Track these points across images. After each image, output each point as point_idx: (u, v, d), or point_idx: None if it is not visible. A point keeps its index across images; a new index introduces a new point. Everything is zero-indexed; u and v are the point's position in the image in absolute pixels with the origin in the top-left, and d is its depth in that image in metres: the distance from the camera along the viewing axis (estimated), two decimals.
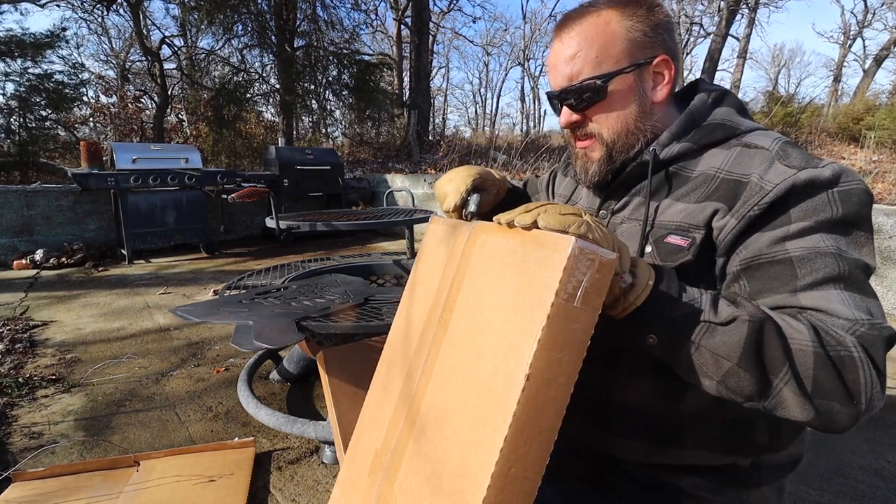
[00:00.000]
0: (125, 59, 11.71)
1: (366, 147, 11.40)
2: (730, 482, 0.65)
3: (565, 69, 0.66)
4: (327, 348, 1.35)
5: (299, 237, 5.97)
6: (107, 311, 3.19)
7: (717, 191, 0.62)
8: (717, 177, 0.63)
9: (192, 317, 1.29)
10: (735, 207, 0.59)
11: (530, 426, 0.41)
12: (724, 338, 0.48)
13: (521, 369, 0.41)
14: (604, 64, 0.64)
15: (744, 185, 0.59)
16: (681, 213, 0.64)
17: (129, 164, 4.72)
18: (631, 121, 0.67)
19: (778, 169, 0.58)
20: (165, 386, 2.12)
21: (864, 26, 15.76)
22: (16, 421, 1.81)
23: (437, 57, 17.38)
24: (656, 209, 0.66)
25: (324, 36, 9.40)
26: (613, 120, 0.67)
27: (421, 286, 0.67)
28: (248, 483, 1.42)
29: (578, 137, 0.71)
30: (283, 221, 1.99)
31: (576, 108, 0.68)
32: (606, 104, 0.66)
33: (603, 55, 0.64)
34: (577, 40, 0.65)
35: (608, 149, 0.69)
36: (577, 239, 0.41)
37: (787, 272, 0.54)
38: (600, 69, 0.64)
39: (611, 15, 0.64)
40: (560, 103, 0.69)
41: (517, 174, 6.59)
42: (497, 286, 0.49)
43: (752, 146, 0.63)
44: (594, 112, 0.68)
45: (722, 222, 0.60)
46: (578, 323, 0.42)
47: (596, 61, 0.64)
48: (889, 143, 6.68)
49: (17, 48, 7.16)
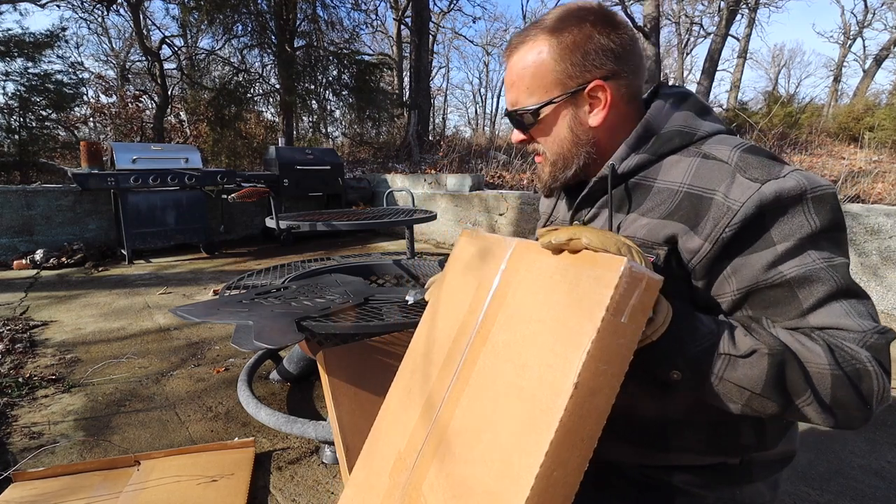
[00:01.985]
0: (125, 59, 11.72)
1: (366, 147, 11.40)
2: (721, 479, 0.66)
3: (509, 95, 0.71)
4: (327, 348, 1.35)
5: (299, 237, 5.97)
6: (107, 311, 3.19)
7: (678, 208, 0.61)
8: (680, 191, 0.62)
9: (192, 317, 1.29)
10: (702, 229, 0.58)
11: (574, 432, 0.43)
12: (745, 370, 0.51)
13: (569, 378, 0.43)
14: (535, 94, 0.67)
15: (707, 203, 0.59)
16: (644, 228, 0.64)
17: (129, 164, 4.72)
18: (566, 146, 0.70)
19: (741, 184, 0.57)
20: (165, 386, 2.12)
21: (864, 26, 15.76)
22: (16, 421, 1.81)
23: (437, 57, 17.39)
24: (619, 224, 0.67)
25: (324, 36, 9.40)
26: (551, 142, 0.71)
27: (453, 296, 0.69)
28: (248, 483, 1.42)
29: (531, 153, 0.76)
30: (283, 221, 1.99)
31: (520, 130, 0.73)
32: (541, 129, 0.70)
33: (534, 86, 0.67)
34: (515, 69, 0.68)
35: (552, 167, 0.73)
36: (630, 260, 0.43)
37: (789, 295, 0.55)
38: (532, 99, 0.68)
39: (544, 44, 0.65)
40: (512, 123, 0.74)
41: (517, 174, 6.59)
42: (545, 301, 0.51)
43: (710, 157, 0.62)
44: (535, 134, 0.72)
45: (691, 245, 0.59)
46: (624, 338, 0.44)
47: (528, 91, 0.68)
48: (889, 143, 6.68)
49: (16, 48, 7.16)
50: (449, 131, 16.04)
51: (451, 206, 5.63)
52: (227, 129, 9.10)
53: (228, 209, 5.90)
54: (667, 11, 13.16)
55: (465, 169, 7.55)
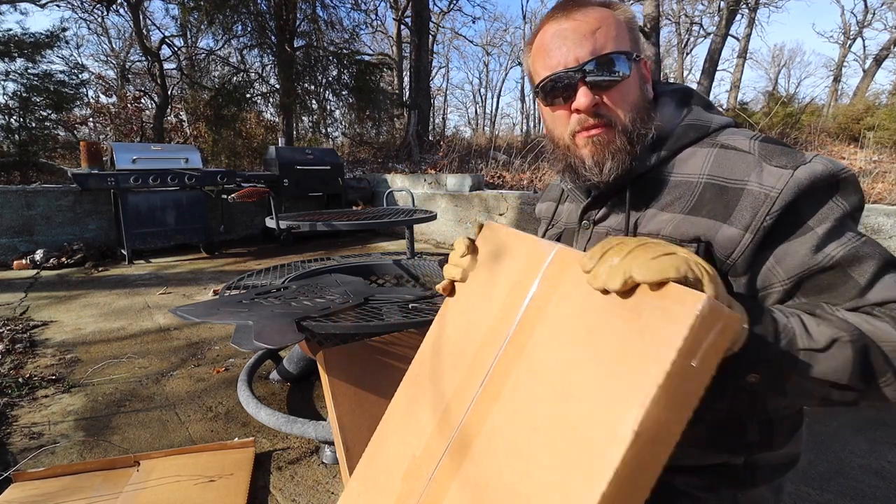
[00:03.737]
0: (125, 59, 11.71)
1: (366, 147, 11.40)
2: (724, 482, 0.65)
3: (586, 43, 0.61)
4: (327, 348, 1.35)
5: (299, 237, 5.97)
6: (107, 311, 3.19)
7: (702, 201, 0.60)
8: (699, 183, 0.61)
9: (192, 317, 1.29)
10: (738, 219, 0.57)
11: (629, 483, 0.39)
12: (828, 363, 0.48)
13: (628, 425, 0.38)
14: (621, 44, 0.62)
15: (736, 192, 0.57)
16: (668, 223, 0.62)
17: (129, 164, 4.72)
18: (643, 108, 0.64)
19: (771, 172, 0.56)
20: (165, 386, 2.12)
21: (864, 26, 15.77)
22: (16, 421, 1.81)
23: (437, 57, 17.40)
24: (636, 222, 0.65)
25: (324, 36, 9.41)
26: (630, 104, 0.63)
27: (477, 295, 0.62)
28: (248, 483, 1.42)
29: (587, 127, 0.64)
30: (283, 221, 1.99)
31: (598, 87, 0.62)
32: (625, 87, 0.62)
33: (620, 36, 0.62)
34: (595, 18, 0.61)
35: (627, 137, 0.63)
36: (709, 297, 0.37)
37: (843, 276, 0.54)
38: (622, 48, 0.62)
39: (609, 10, 0.64)
40: (579, 82, 0.62)
41: (517, 174, 6.59)
42: (597, 326, 0.45)
43: (729, 147, 0.61)
44: (612, 95, 0.62)
45: (729, 238, 0.57)
46: (693, 383, 0.39)
47: (617, 39, 0.62)
48: (889, 143, 6.68)
49: (17, 48, 7.16)
50: (449, 131, 16.06)
51: (451, 206, 5.63)
52: (226, 129, 9.11)
53: (228, 209, 5.90)
54: (667, 11, 13.18)
55: (465, 169, 7.55)
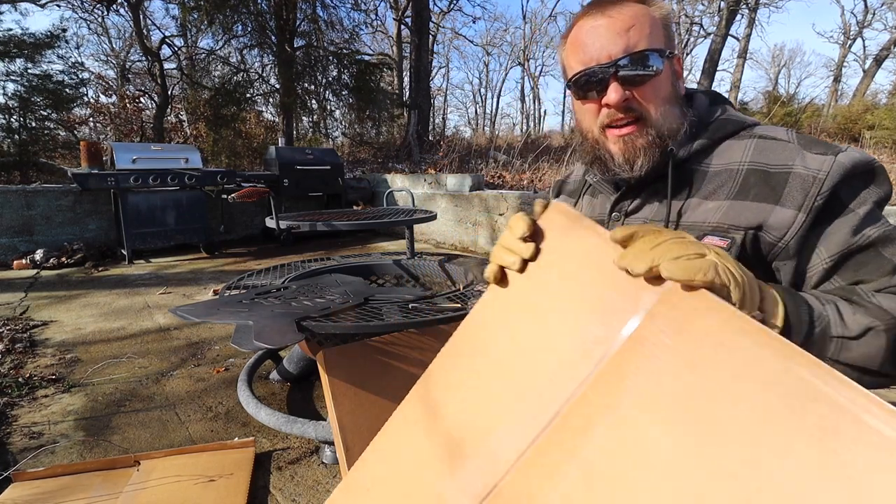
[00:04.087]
0: (125, 59, 11.72)
1: (366, 147, 11.40)
2: None
3: (619, 40, 0.62)
4: (327, 348, 1.35)
5: (299, 237, 5.97)
6: (107, 311, 3.19)
7: (746, 186, 0.61)
8: (741, 170, 0.62)
9: (192, 317, 1.29)
10: (789, 200, 0.58)
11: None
12: (861, 350, 0.50)
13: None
14: (657, 41, 0.63)
15: (782, 176, 0.59)
16: (715, 211, 0.62)
17: (129, 164, 4.72)
18: (675, 105, 0.65)
19: (814, 158, 0.59)
20: (165, 386, 2.12)
21: (864, 26, 15.77)
22: (16, 421, 1.81)
23: (437, 57, 17.39)
24: (679, 210, 0.65)
25: (324, 36, 9.41)
26: (661, 101, 0.64)
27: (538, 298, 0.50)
28: (248, 483, 1.42)
29: (617, 124, 0.65)
30: (283, 221, 1.99)
31: (629, 82, 0.63)
32: (657, 82, 0.63)
33: (654, 34, 0.63)
34: (629, 15, 0.62)
35: (657, 131, 0.64)
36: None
37: (876, 256, 0.57)
38: (655, 45, 0.63)
39: (644, 7, 0.64)
40: (610, 78, 0.63)
41: (517, 174, 6.59)
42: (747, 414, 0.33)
43: (768, 137, 0.63)
44: (644, 91, 0.63)
45: (782, 220, 0.58)
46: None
47: (650, 37, 0.62)
48: (889, 143, 6.68)
49: (17, 48, 7.17)
50: (449, 131, 16.06)
51: (451, 206, 5.63)
52: (226, 129, 9.11)
53: (228, 209, 5.90)
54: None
55: (465, 169, 7.55)
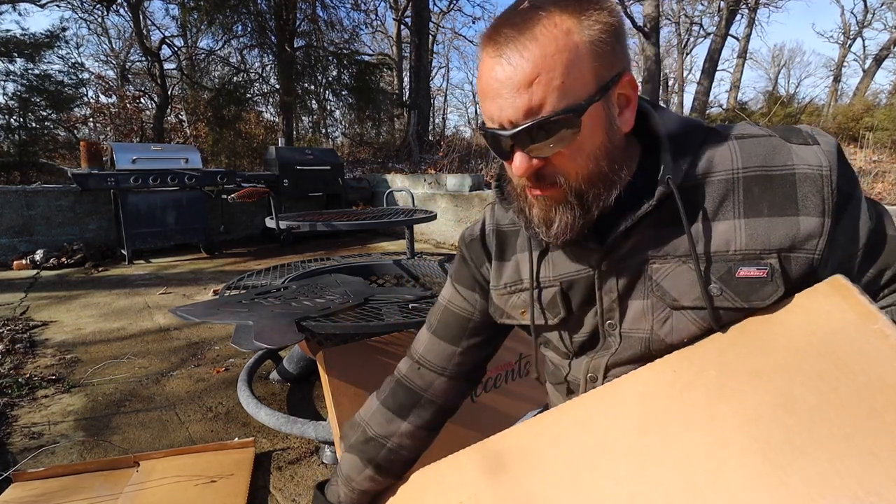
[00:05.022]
0: (125, 59, 11.71)
1: (366, 147, 11.40)
2: None
3: (519, 100, 0.48)
4: (327, 348, 1.35)
5: (299, 237, 5.97)
6: (107, 311, 3.19)
7: (751, 196, 0.52)
8: (737, 178, 0.53)
9: (192, 317, 1.29)
10: (807, 206, 0.51)
11: None
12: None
13: None
14: (571, 92, 0.48)
15: (786, 179, 0.52)
16: (735, 234, 0.52)
17: (129, 164, 4.72)
18: (604, 163, 0.52)
19: (800, 150, 0.53)
20: (165, 386, 2.12)
21: (864, 26, 15.76)
22: (16, 421, 1.81)
23: (437, 57, 17.37)
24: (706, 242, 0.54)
25: (324, 36, 9.41)
26: (583, 162, 0.52)
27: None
28: (248, 483, 1.42)
29: (536, 187, 0.54)
30: (283, 221, 1.99)
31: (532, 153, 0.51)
32: (575, 143, 0.50)
33: (570, 80, 0.47)
34: (532, 60, 0.47)
35: (581, 198, 0.53)
36: None
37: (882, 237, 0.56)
38: (568, 99, 0.48)
39: (567, 22, 0.47)
40: (514, 147, 0.51)
41: None
42: None
43: (746, 136, 0.55)
44: (556, 156, 0.51)
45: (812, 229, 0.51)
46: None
47: (562, 88, 0.47)
48: (889, 144, 6.68)
49: (16, 48, 7.17)
50: (449, 131, 16.05)
51: (451, 206, 5.63)
52: (226, 129, 9.11)
53: (228, 209, 5.90)
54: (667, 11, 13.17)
55: (465, 169, 7.55)
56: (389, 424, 0.71)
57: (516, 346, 1.73)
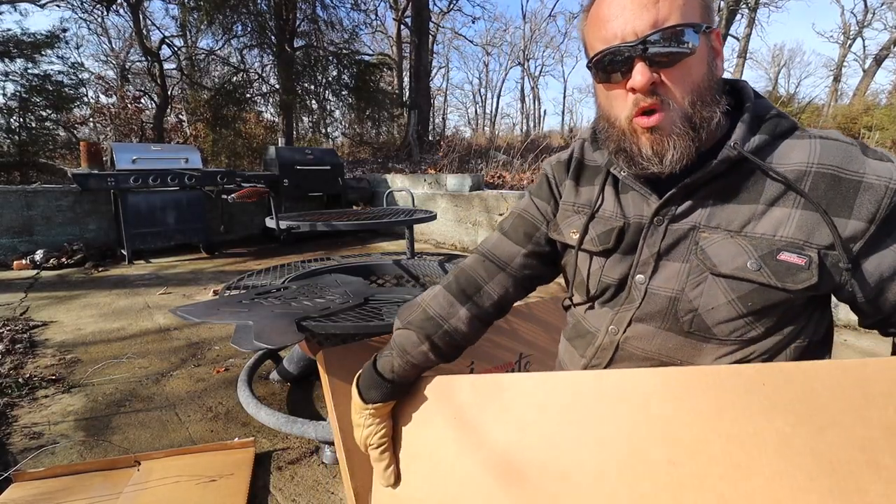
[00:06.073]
0: (125, 59, 11.71)
1: (366, 147, 11.40)
2: None
3: (647, 14, 0.54)
4: (327, 348, 1.34)
5: (299, 237, 5.98)
6: (107, 311, 3.19)
7: (816, 191, 0.56)
8: (809, 171, 0.56)
9: (192, 317, 1.29)
10: (859, 211, 0.54)
11: None
12: None
13: None
14: (691, 13, 0.54)
15: (852, 184, 0.55)
16: (787, 222, 0.57)
17: (129, 164, 4.72)
18: (708, 88, 0.57)
19: (878, 165, 0.55)
20: (165, 386, 2.12)
21: (864, 26, 15.76)
22: (16, 421, 1.81)
23: (437, 57, 17.40)
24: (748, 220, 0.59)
25: (323, 36, 9.42)
26: (694, 83, 0.56)
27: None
28: (249, 483, 1.42)
29: (643, 109, 0.57)
30: (283, 221, 1.99)
31: (658, 64, 0.55)
32: (691, 63, 0.55)
33: (689, 4, 0.54)
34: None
35: (688, 119, 0.56)
36: None
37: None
38: (689, 18, 0.54)
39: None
40: (636, 58, 0.55)
41: (517, 174, 6.59)
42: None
43: (829, 138, 0.58)
44: (674, 73, 0.55)
45: (855, 230, 0.55)
46: None
47: (684, 8, 0.54)
48: (889, 144, 6.68)
49: (16, 48, 7.17)
50: (449, 131, 16.06)
51: (451, 206, 5.63)
52: (226, 129, 9.11)
53: (228, 209, 5.90)
54: None
55: (465, 169, 7.55)
56: (450, 307, 0.76)
57: (516, 345, 1.73)
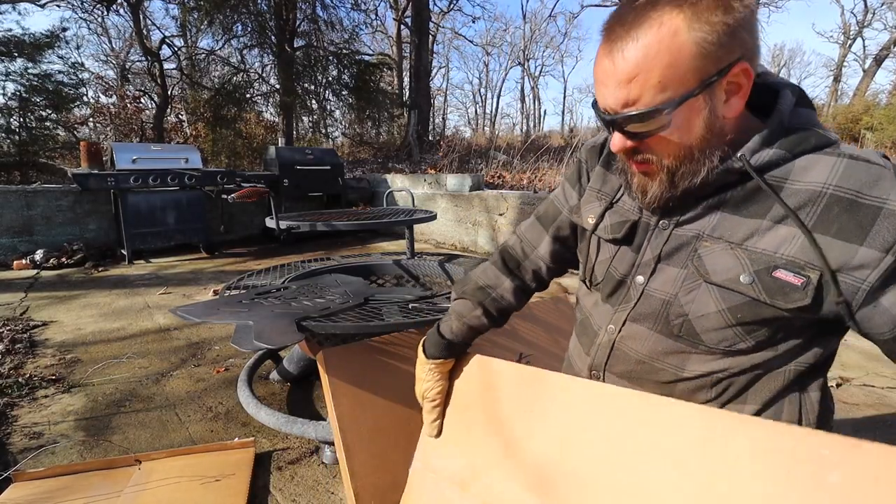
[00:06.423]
0: (125, 59, 11.72)
1: (366, 147, 11.41)
2: None
3: (619, 93, 0.54)
4: (327, 348, 1.35)
5: (299, 237, 5.98)
6: (107, 311, 3.19)
7: (828, 214, 0.52)
8: (824, 193, 0.53)
9: (192, 317, 1.29)
10: (875, 240, 0.50)
11: None
12: None
13: None
14: (668, 89, 0.52)
15: (871, 211, 0.51)
16: (790, 241, 0.54)
17: (129, 164, 4.72)
18: (696, 147, 0.56)
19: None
20: (165, 386, 2.12)
21: (864, 26, 15.76)
22: (16, 421, 1.81)
23: (437, 57, 17.40)
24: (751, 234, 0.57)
25: (324, 36, 9.41)
26: (676, 147, 0.57)
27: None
28: (249, 483, 1.42)
29: (633, 161, 0.61)
30: (283, 221, 1.99)
31: (630, 136, 0.58)
32: (669, 132, 0.56)
33: (667, 79, 0.52)
34: (635, 59, 0.52)
35: (670, 176, 0.59)
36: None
37: None
38: (663, 96, 0.52)
39: (677, 22, 0.50)
40: (613, 128, 0.58)
41: (517, 174, 6.59)
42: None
43: (859, 158, 0.53)
44: (650, 143, 0.57)
45: (865, 259, 0.51)
46: None
47: (658, 87, 0.52)
48: (889, 144, 6.68)
49: (16, 48, 7.17)
50: (449, 131, 16.07)
51: (451, 206, 5.63)
52: (226, 129, 9.11)
53: (228, 209, 5.90)
54: None
55: (465, 169, 7.55)
56: (497, 279, 0.88)
57: (516, 345, 1.73)
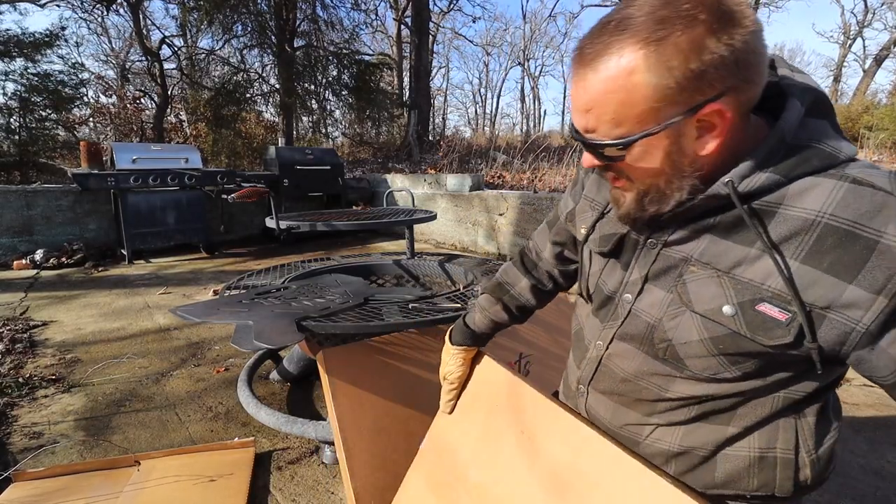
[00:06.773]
0: (125, 59, 11.72)
1: (366, 147, 11.41)
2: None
3: (579, 119, 0.54)
4: (327, 348, 1.35)
5: (299, 237, 5.98)
6: (107, 311, 3.19)
7: (821, 246, 0.49)
8: (818, 222, 0.49)
9: (192, 317, 1.29)
10: (867, 280, 0.47)
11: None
12: None
13: None
14: (623, 125, 0.50)
15: (867, 244, 0.47)
16: (777, 273, 0.51)
17: (129, 164, 4.73)
18: (662, 180, 0.54)
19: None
20: (165, 386, 2.12)
21: (864, 26, 15.76)
22: (16, 421, 1.81)
23: (437, 57, 17.40)
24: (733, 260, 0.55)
25: (324, 36, 9.42)
26: (641, 173, 0.55)
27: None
28: (249, 483, 1.42)
29: (606, 175, 0.61)
30: (283, 221, 1.99)
31: (599, 158, 0.56)
32: (628, 163, 0.54)
33: (621, 116, 0.50)
34: (592, 91, 0.50)
35: (638, 197, 0.57)
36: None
37: None
38: (619, 131, 0.51)
39: (637, 61, 0.47)
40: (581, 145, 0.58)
41: (517, 174, 6.59)
42: None
43: (863, 182, 0.48)
44: (619, 164, 0.56)
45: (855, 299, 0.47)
46: None
47: (613, 122, 0.51)
48: (889, 144, 6.68)
49: (16, 48, 7.17)
50: (449, 131, 16.07)
51: (451, 206, 5.63)
52: (226, 129, 9.11)
53: (228, 209, 5.90)
54: None
55: (465, 169, 7.55)
56: (516, 277, 0.94)
57: (516, 345, 1.73)
